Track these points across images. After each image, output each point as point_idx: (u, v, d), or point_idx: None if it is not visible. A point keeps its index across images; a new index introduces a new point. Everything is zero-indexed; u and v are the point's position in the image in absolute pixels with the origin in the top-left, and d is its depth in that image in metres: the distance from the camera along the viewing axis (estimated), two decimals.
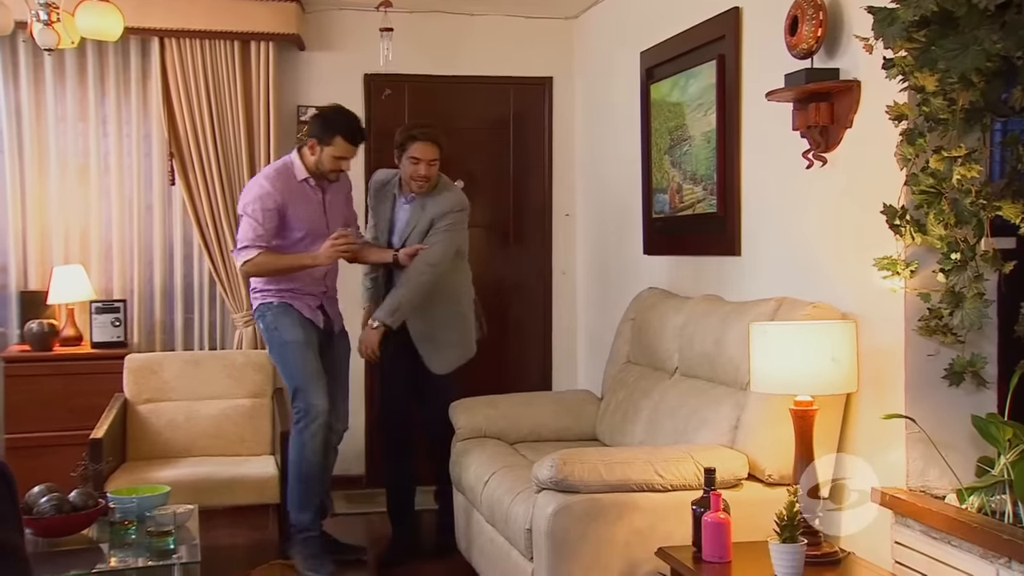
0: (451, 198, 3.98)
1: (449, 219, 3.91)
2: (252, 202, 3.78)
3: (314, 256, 3.79)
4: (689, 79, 3.94)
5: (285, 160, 3.93)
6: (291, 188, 3.82)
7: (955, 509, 2.41)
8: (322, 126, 3.80)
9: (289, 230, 3.83)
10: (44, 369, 4.62)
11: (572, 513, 2.78)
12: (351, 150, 3.84)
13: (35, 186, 4.89)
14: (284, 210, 3.79)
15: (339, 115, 3.84)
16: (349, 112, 3.90)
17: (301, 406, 3.77)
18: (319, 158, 3.80)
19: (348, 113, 3.88)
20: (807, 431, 2.62)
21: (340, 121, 3.80)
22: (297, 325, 3.85)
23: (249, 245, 3.76)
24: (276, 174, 3.84)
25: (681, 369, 3.49)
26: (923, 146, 2.44)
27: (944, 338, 2.52)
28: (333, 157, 3.79)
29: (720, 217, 3.70)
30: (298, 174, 3.84)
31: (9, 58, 4.85)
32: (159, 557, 2.77)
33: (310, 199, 3.86)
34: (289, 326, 3.84)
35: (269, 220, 3.76)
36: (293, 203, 3.81)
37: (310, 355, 3.83)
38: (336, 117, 3.83)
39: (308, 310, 3.90)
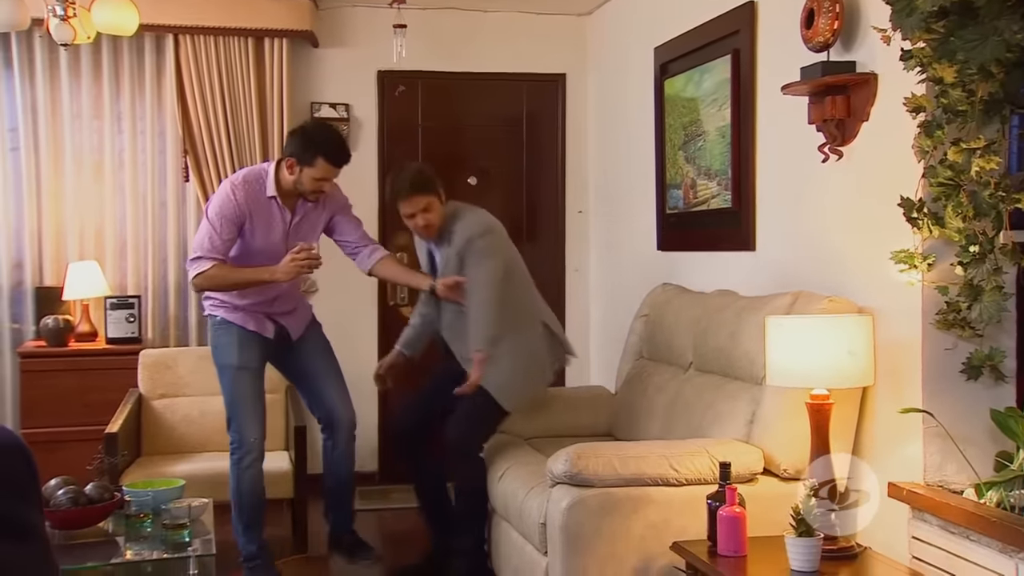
0: (468, 225, 3.55)
1: (477, 245, 3.51)
2: (215, 206, 3.52)
3: (272, 271, 3.45)
4: (703, 74, 3.93)
5: (259, 169, 3.63)
6: (257, 201, 3.52)
7: (973, 504, 2.39)
8: (303, 145, 3.48)
9: (245, 245, 3.55)
10: (59, 364, 4.64)
11: (587, 507, 2.77)
12: (334, 172, 3.53)
13: (50, 183, 4.92)
14: (243, 222, 3.51)
15: (321, 133, 3.54)
16: (332, 130, 3.62)
17: (234, 436, 3.61)
18: (298, 178, 3.49)
19: (331, 131, 3.59)
20: (823, 425, 2.60)
21: (322, 140, 3.49)
22: (235, 346, 3.60)
23: (203, 256, 3.48)
24: (244, 183, 3.54)
25: (696, 364, 3.47)
26: (941, 138, 2.43)
27: (962, 332, 2.50)
28: (313, 179, 3.48)
29: (735, 212, 3.69)
30: (268, 189, 3.53)
31: (25, 55, 4.87)
32: (174, 550, 2.78)
33: (274, 219, 3.55)
34: (227, 346, 3.61)
35: (227, 231, 3.47)
36: (254, 217, 3.52)
37: (247, 380, 3.61)
38: (318, 136, 3.51)
39: (254, 323, 3.64)
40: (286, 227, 3.57)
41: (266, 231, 3.55)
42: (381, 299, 5.34)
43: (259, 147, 4.97)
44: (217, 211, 3.50)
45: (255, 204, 3.52)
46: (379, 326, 5.34)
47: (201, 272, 3.49)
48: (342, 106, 5.23)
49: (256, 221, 3.53)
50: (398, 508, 4.85)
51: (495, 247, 3.56)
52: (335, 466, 3.83)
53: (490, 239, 3.55)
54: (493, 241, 3.56)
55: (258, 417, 3.64)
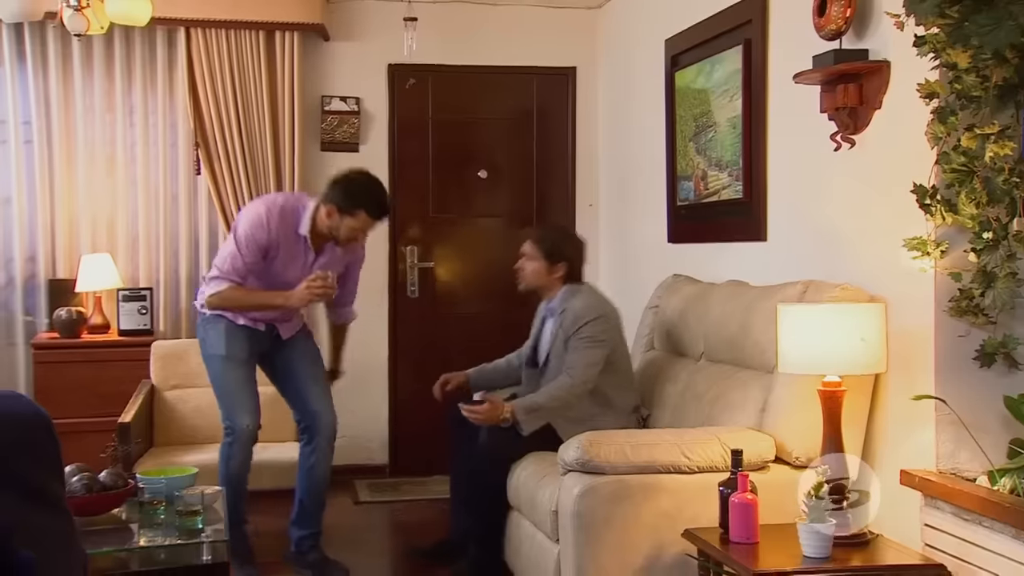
0: (578, 306, 3.52)
1: (586, 331, 3.47)
2: (246, 227, 3.52)
3: (287, 296, 3.51)
4: (714, 65, 3.93)
5: (297, 203, 3.62)
6: (287, 235, 3.54)
7: (987, 490, 2.39)
8: (345, 196, 3.50)
9: (263, 271, 3.57)
10: (72, 356, 4.67)
11: (599, 494, 2.78)
12: (373, 224, 3.58)
13: (63, 176, 4.94)
14: (269, 250, 3.53)
15: (365, 187, 3.55)
16: (375, 183, 3.61)
17: (227, 425, 3.60)
18: (335, 224, 3.51)
19: (374, 184, 3.60)
20: (835, 412, 2.60)
21: (366, 195, 3.52)
22: (222, 336, 3.61)
23: (221, 276, 3.52)
24: (280, 214, 3.54)
25: (707, 354, 3.48)
26: (955, 124, 2.42)
27: (975, 319, 2.49)
28: (352, 228, 3.52)
29: (746, 203, 3.69)
30: (302, 227, 3.55)
31: (39, 49, 4.90)
32: (188, 536, 2.78)
33: (298, 255, 3.58)
34: (215, 338, 3.62)
35: (252, 255, 3.49)
36: (281, 249, 3.54)
37: (235, 368, 3.61)
38: (362, 189, 3.53)
39: (244, 319, 3.64)
40: (308, 265, 3.60)
41: (287, 263, 3.58)
42: (392, 291, 5.36)
43: (270, 140, 4.99)
44: (247, 233, 3.51)
45: (285, 237, 3.54)
46: (389, 319, 5.35)
47: (217, 292, 3.54)
48: (353, 99, 5.24)
49: (282, 252, 3.56)
50: (409, 500, 4.86)
51: (602, 336, 3.50)
52: (311, 471, 3.72)
53: (599, 325, 3.50)
54: (602, 329, 3.50)
55: (251, 404, 3.60)
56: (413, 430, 5.28)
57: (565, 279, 3.63)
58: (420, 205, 5.42)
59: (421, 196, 5.41)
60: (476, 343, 5.16)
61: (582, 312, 3.50)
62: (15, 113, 4.89)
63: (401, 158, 5.37)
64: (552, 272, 3.62)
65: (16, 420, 0.95)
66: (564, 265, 3.62)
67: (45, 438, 0.99)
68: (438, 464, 4.48)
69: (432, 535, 3.98)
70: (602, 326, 3.51)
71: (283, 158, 5.03)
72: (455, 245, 5.50)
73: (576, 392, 3.44)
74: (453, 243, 5.49)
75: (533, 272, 3.65)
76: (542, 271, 3.63)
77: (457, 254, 5.52)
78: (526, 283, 3.70)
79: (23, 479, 0.89)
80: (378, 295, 5.29)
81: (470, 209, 5.52)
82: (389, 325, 5.35)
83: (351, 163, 5.20)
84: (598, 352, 3.47)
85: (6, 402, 0.99)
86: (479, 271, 5.51)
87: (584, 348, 3.46)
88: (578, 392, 3.45)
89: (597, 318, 3.50)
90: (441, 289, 5.48)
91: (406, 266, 5.39)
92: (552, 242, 3.65)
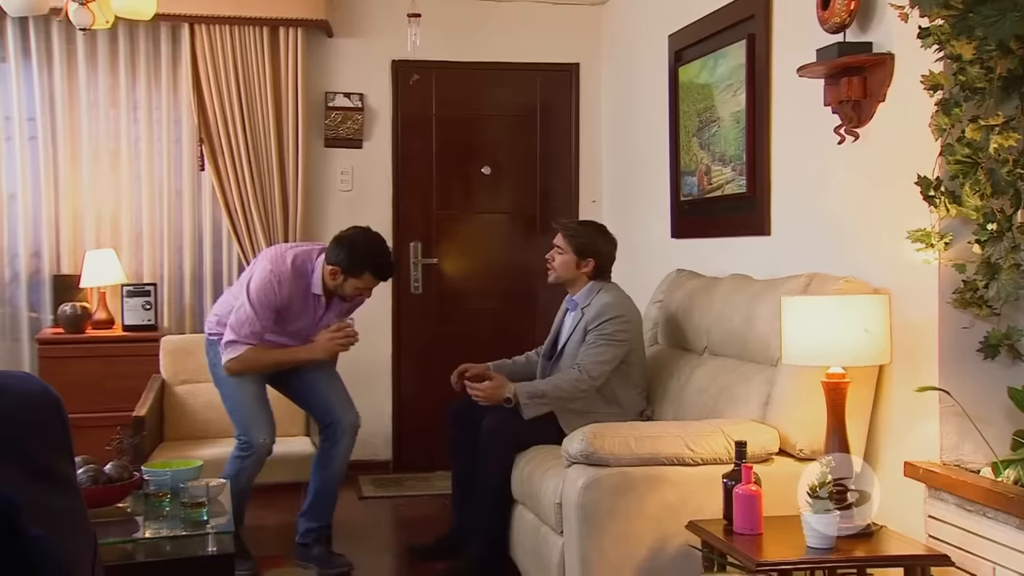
0: (603, 302, 3.55)
1: (607, 327, 3.49)
2: (257, 291, 3.56)
3: (311, 350, 3.64)
4: (718, 60, 3.93)
5: (308, 261, 3.65)
6: (299, 295, 3.63)
7: (991, 481, 2.39)
8: (350, 259, 3.56)
9: (278, 323, 3.66)
10: (77, 351, 4.68)
11: (602, 486, 2.78)
12: (377, 283, 3.68)
13: (67, 172, 4.95)
14: (283, 310, 3.63)
15: (368, 251, 3.60)
16: (377, 244, 3.65)
17: (243, 440, 3.64)
18: (340, 284, 3.60)
19: (377, 246, 3.65)
20: (839, 404, 2.60)
21: (370, 258, 3.59)
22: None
23: (238, 341, 3.56)
24: (293, 277, 3.60)
25: (710, 348, 3.48)
26: (959, 116, 2.43)
27: (979, 310, 2.50)
28: (357, 287, 3.62)
29: (750, 197, 3.69)
30: (314, 287, 3.63)
31: (43, 45, 4.91)
32: (193, 528, 2.79)
33: (308, 309, 3.68)
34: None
35: (267, 317, 3.58)
36: (292, 306, 3.64)
37: (248, 384, 3.65)
38: (366, 253, 3.59)
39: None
40: (318, 316, 3.71)
41: (299, 316, 3.69)
42: (396, 288, 5.36)
43: (274, 136, 5.00)
44: (260, 298, 3.57)
45: (296, 297, 3.63)
46: (393, 315, 5.36)
47: (236, 356, 3.58)
48: (356, 95, 5.25)
49: (293, 309, 3.65)
50: (412, 495, 4.87)
51: (622, 336, 3.51)
52: (329, 464, 3.73)
53: (619, 324, 3.51)
54: (622, 328, 3.51)
55: (268, 421, 3.64)
56: (416, 426, 5.29)
57: (592, 275, 3.66)
58: (424, 201, 5.43)
59: (425, 192, 5.42)
60: (480, 339, 5.18)
61: (605, 309, 3.53)
62: (20, 109, 4.90)
63: (405, 154, 5.37)
64: (580, 267, 3.66)
65: (24, 398, 0.94)
66: (592, 261, 3.65)
67: (54, 418, 0.99)
68: (441, 460, 4.49)
69: (435, 530, 3.98)
70: (623, 326, 3.52)
71: (287, 154, 5.04)
72: (459, 241, 5.50)
73: (582, 387, 3.46)
74: (457, 239, 5.49)
75: (562, 264, 3.68)
76: (571, 264, 3.66)
77: (461, 250, 5.52)
78: (556, 275, 3.73)
79: (31, 457, 0.89)
80: (381, 291, 5.29)
81: (474, 205, 5.53)
82: (392, 321, 5.35)
83: (355, 159, 5.28)
84: (613, 351, 3.49)
85: (15, 381, 0.98)
86: (483, 267, 5.52)
87: (600, 344, 3.48)
88: (584, 388, 3.46)
89: (618, 317, 3.52)
90: (445, 285, 5.48)
91: (409, 262, 5.39)
92: (584, 237, 3.68)
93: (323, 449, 3.77)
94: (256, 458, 3.63)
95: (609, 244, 3.73)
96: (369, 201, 5.30)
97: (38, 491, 0.91)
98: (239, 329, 3.57)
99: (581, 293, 3.66)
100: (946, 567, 2.41)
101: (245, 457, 3.63)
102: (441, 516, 4.29)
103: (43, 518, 0.86)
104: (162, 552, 2.73)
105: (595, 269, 3.66)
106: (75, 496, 1.01)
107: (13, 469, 0.88)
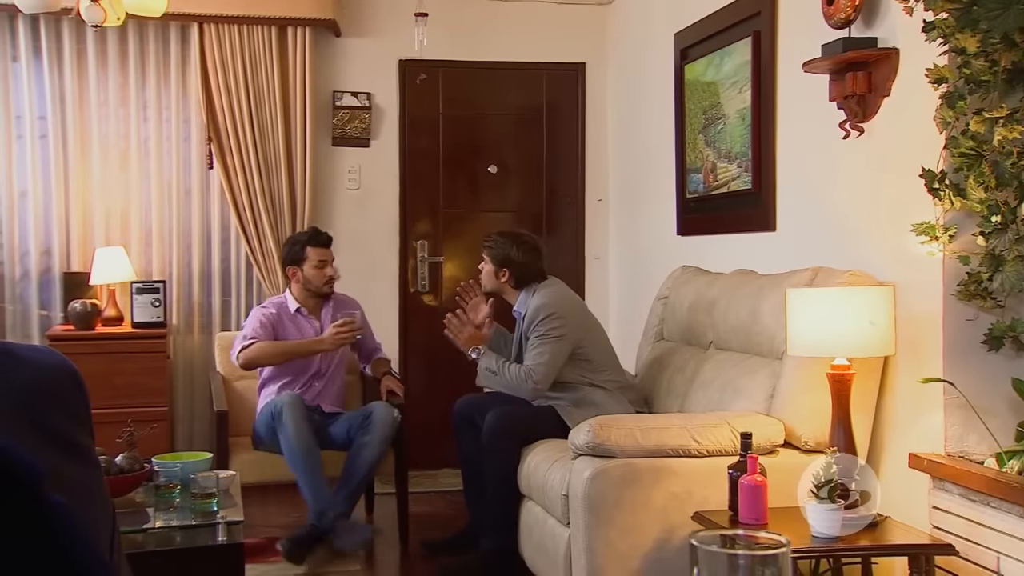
0: (533, 305, 3.62)
1: (539, 328, 3.56)
2: (250, 320, 4.04)
3: (318, 341, 3.93)
4: (724, 57, 3.95)
5: (280, 295, 4.23)
6: (285, 314, 4.06)
7: (995, 471, 2.41)
8: (290, 251, 4.08)
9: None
10: (87, 348, 4.70)
11: (609, 477, 2.80)
12: (325, 252, 4.07)
13: (78, 170, 4.99)
14: (277, 329, 4.00)
15: (297, 236, 4.15)
16: (301, 231, 4.25)
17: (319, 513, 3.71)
18: (305, 278, 4.04)
19: (300, 232, 4.25)
20: (844, 396, 2.62)
21: (301, 236, 4.10)
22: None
23: (245, 336, 3.94)
24: (271, 303, 4.13)
25: (716, 343, 3.50)
26: (963, 109, 2.44)
27: (983, 303, 2.51)
28: (314, 268, 4.03)
29: (755, 193, 3.71)
30: (290, 306, 4.07)
31: (54, 46, 4.95)
32: (203, 518, 2.82)
33: (303, 329, 4.06)
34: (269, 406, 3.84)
35: (265, 328, 3.96)
36: (287, 327, 4.04)
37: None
38: (296, 236, 4.15)
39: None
40: (317, 332, 4.04)
41: (298, 337, 4.04)
42: (403, 286, 5.39)
43: (282, 135, 5.03)
44: (253, 315, 4.06)
45: (284, 318, 4.05)
46: (400, 313, 5.39)
47: (245, 347, 3.89)
48: (364, 95, 5.28)
49: (288, 330, 4.04)
50: (419, 492, 4.88)
51: (559, 332, 3.56)
52: (360, 451, 3.80)
53: (552, 323, 3.56)
54: (557, 326, 3.56)
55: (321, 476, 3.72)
56: (423, 423, 5.30)
57: (515, 284, 3.73)
58: (430, 200, 5.45)
59: (431, 191, 5.45)
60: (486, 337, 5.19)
61: (536, 311, 3.61)
62: (31, 108, 4.94)
63: (412, 153, 5.40)
64: (499, 277, 3.75)
65: (42, 367, 0.94)
66: (507, 271, 3.73)
67: (72, 388, 0.98)
68: (448, 457, 4.50)
69: (443, 526, 4.00)
70: (555, 322, 3.57)
71: (295, 153, 5.08)
72: (465, 240, 5.53)
73: (525, 387, 3.51)
74: (463, 238, 5.52)
75: (486, 276, 3.82)
76: (491, 276, 3.79)
77: (467, 249, 5.54)
78: (483, 286, 3.87)
79: (51, 427, 0.89)
80: (388, 289, 5.33)
81: (480, 204, 5.55)
82: (399, 319, 5.38)
83: (362, 158, 5.31)
84: (551, 347, 3.53)
85: (34, 352, 0.99)
86: None
87: (537, 345, 3.56)
88: (526, 388, 3.51)
89: (550, 315, 3.57)
90: (451, 284, 5.49)
91: (416, 260, 5.42)
92: (499, 248, 3.76)
93: (357, 437, 3.84)
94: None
95: (526, 252, 3.73)
96: (376, 199, 5.33)
97: (58, 460, 0.91)
98: (244, 333, 3.98)
99: (518, 301, 3.75)
100: (950, 556, 2.42)
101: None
102: (448, 512, 4.32)
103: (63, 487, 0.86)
104: (172, 541, 2.76)
105: (512, 278, 3.73)
106: (95, 468, 1.01)
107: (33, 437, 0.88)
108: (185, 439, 5.02)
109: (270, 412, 3.78)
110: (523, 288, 3.74)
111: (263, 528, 4.09)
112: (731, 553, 0.75)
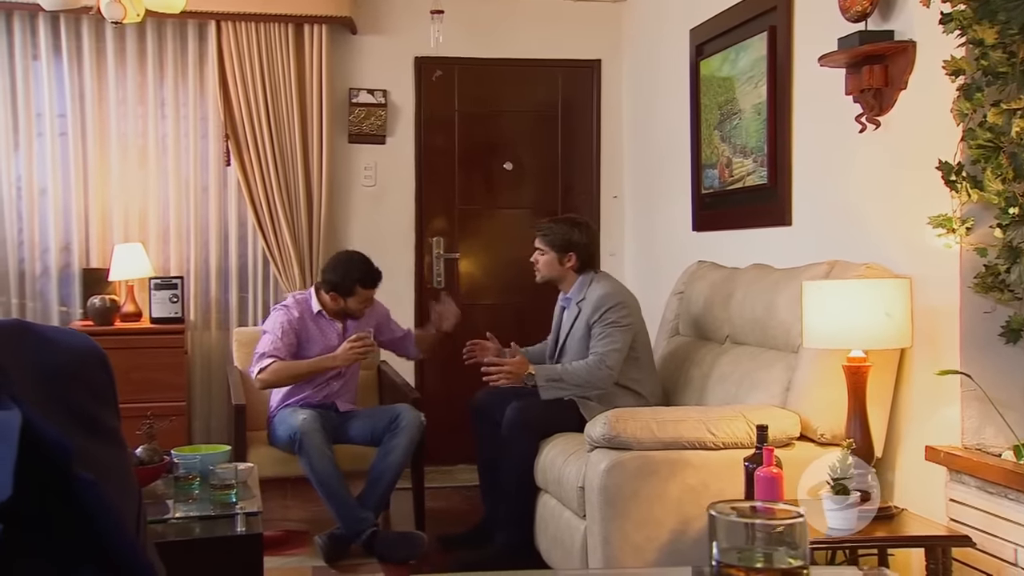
0: (598, 294, 3.60)
1: (609, 316, 3.54)
2: (270, 321, 4.00)
3: (332, 357, 3.91)
4: (739, 52, 3.95)
5: (304, 293, 4.17)
6: (308, 317, 4.03)
7: (1012, 463, 2.40)
8: (339, 282, 3.98)
9: (304, 354, 3.97)
10: (105, 343, 4.60)
11: (625, 470, 2.81)
12: (372, 292, 4.06)
13: (97, 167, 5.04)
14: (300, 333, 3.98)
15: (351, 268, 4.01)
16: (358, 259, 4.05)
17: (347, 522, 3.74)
18: (343, 306, 4.02)
19: (358, 261, 4.04)
20: (860, 388, 2.62)
21: (354, 274, 3.99)
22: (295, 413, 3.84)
23: (264, 354, 3.89)
24: (294, 303, 4.06)
25: (732, 337, 3.50)
26: (981, 100, 2.44)
27: (1001, 295, 2.50)
28: (357, 302, 4.02)
29: (771, 188, 3.71)
30: (313, 307, 4.05)
31: (74, 44, 5.00)
32: (222, 509, 2.85)
33: (325, 331, 4.04)
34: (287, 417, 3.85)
35: (287, 336, 3.92)
36: (309, 330, 4.02)
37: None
38: (350, 271, 4.00)
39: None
40: (340, 337, 4.02)
41: (322, 341, 4.01)
42: (418, 282, 5.41)
43: (299, 132, 5.06)
44: (275, 322, 3.98)
45: (307, 320, 4.03)
46: (415, 308, 5.40)
47: (264, 367, 3.86)
48: (380, 92, 5.31)
49: (311, 333, 4.02)
50: (436, 487, 4.90)
51: (625, 321, 3.55)
52: (388, 451, 3.80)
53: (619, 311, 3.55)
54: (624, 314, 3.56)
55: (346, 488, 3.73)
56: (439, 419, 5.31)
57: (579, 268, 3.70)
58: (446, 197, 5.47)
59: (447, 188, 5.47)
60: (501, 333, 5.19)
61: (603, 299, 3.57)
62: (51, 106, 4.99)
63: (427, 150, 5.42)
64: (564, 263, 3.71)
65: (69, 348, 0.94)
66: (573, 254, 3.70)
67: (98, 369, 0.98)
68: (463, 453, 4.52)
69: (459, 521, 4.02)
70: (623, 311, 3.57)
71: (311, 150, 5.10)
72: (481, 236, 5.55)
73: (599, 374, 3.49)
74: (479, 235, 5.54)
75: (546, 265, 3.75)
76: (554, 263, 3.72)
77: (482, 245, 5.57)
78: (542, 275, 3.80)
79: (78, 407, 0.90)
80: (404, 286, 5.35)
81: (496, 201, 5.57)
82: (415, 315, 5.39)
83: (378, 154, 5.33)
84: (621, 336, 3.53)
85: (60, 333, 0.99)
86: (504, 262, 5.55)
87: (608, 333, 3.52)
88: (601, 375, 3.49)
89: (618, 304, 3.58)
90: (466, 280, 5.53)
91: (432, 257, 5.44)
92: (558, 234, 3.72)
93: (385, 440, 3.85)
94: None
95: (584, 234, 3.75)
96: (392, 196, 5.36)
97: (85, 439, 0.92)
98: (261, 348, 3.91)
99: (573, 289, 3.72)
100: (967, 547, 2.42)
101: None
102: (464, 508, 4.33)
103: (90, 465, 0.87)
104: (192, 532, 2.78)
105: (579, 261, 3.71)
106: (122, 449, 1.01)
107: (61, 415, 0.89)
108: (203, 433, 5.06)
109: (289, 435, 3.77)
110: (583, 273, 3.72)
111: (280, 522, 4.12)
112: (749, 522, 0.75)
